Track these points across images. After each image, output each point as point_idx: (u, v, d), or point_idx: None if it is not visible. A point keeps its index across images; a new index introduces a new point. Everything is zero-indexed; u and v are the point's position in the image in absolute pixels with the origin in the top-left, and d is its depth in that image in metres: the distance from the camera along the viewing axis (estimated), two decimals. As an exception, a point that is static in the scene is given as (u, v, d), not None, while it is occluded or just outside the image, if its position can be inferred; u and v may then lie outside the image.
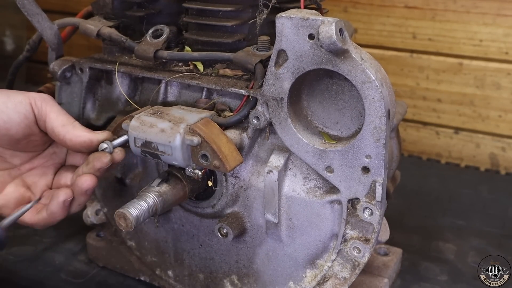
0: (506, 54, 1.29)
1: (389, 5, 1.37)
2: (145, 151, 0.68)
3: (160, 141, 0.66)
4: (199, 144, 0.65)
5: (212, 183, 0.73)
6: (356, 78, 0.60)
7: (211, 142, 0.65)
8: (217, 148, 0.64)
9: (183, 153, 0.65)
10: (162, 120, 0.67)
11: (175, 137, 0.65)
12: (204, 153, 0.65)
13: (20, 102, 0.68)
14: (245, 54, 0.69)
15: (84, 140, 0.69)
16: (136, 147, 0.68)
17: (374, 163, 0.63)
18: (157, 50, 0.74)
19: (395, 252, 0.91)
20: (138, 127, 0.67)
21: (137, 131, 0.67)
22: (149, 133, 0.67)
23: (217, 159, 0.65)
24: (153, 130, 0.66)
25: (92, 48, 1.63)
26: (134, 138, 0.68)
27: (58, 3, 1.63)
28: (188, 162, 0.67)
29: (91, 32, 0.79)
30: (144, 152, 0.68)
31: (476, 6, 1.29)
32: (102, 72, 0.81)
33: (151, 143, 0.67)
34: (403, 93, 1.41)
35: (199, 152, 0.65)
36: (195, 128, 0.65)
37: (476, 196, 1.17)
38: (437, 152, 1.42)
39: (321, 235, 0.70)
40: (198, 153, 0.65)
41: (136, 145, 0.68)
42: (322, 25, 0.59)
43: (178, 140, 0.65)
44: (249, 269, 0.77)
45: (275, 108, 0.66)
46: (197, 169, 0.67)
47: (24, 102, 0.69)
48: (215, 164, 0.65)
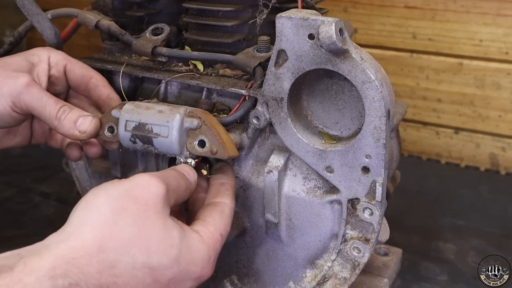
0: (506, 54, 1.29)
1: (389, 5, 1.37)
2: (136, 135, 0.64)
3: (156, 122, 0.63)
4: (198, 127, 0.63)
5: (207, 172, 0.70)
6: (356, 78, 0.60)
7: (211, 126, 0.63)
8: (216, 132, 0.63)
9: (180, 135, 0.63)
10: (160, 104, 0.65)
11: (174, 116, 0.62)
12: (202, 139, 0.63)
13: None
14: (244, 57, 0.69)
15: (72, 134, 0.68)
16: (126, 131, 0.65)
17: (374, 163, 0.63)
18: (156, 47, 0.74)
19: (395, 252, 0.91)
20: (133, 109, 0.65)
21: (131, 113, 0.65)
22: (144, 115, 0.64)
23: (216, 143, 0.62)
24: (150, 111, 0.64)
25: (92, 48, 1.63)
26: (126, 121, 0.65)
27: (58, 3, 1.63)
28: (181, 150, 0.64)
29: (90, 22, 0.78)
30: (134, 136, 0.64)
31: (476, 6, 1.29)
32: (102, 72, 0.81)
33: (146, 124, 0.64)
34: (403, 93, 1.41)
35: (196, 137, 0.63)
36: (195, 112, 0.63)
37: (476, 196, 1.17)
38: (437, 152, 1.42)
39: (321, 235, 0.70)
40: (195, 139, 0.63)
41: (127, 129, 0.65)
42: (322, 25, 0.59)
43: (178, 119, 0.62)
44: (249, 269, 0.77)
45: (275, 108, 0.66)
46: (190, 158, 0.65)
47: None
48: (213, 149, 0.62)
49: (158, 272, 0.54)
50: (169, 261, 0.54)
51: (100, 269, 0.50)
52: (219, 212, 0.63)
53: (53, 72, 0.73)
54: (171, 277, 0.55)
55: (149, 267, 0.53)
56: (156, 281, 0.54)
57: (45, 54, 0.73)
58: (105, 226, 0.52)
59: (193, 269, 0.56)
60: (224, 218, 0.63)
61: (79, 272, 0.49)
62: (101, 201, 0.54)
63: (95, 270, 0.50)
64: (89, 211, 0.53)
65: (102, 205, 0.54)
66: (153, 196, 0.55)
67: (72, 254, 0.50)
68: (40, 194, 1.15)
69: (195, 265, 0.57)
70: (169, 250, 0.54)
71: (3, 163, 1.27)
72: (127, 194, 0.55)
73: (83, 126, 0.67)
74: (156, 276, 0.54)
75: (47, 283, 0.47)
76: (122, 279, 0.52)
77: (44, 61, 0.72)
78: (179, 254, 0.55)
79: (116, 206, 0.54)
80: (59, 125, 0.67)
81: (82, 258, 0.50)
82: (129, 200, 0.54)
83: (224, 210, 0.63)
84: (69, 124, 0.66)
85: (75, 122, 0.66)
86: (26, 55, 0.72)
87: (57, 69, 0.73)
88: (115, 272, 0.51)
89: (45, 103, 0.66)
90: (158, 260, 0.54)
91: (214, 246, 0.59)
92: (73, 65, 0.74)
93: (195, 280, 0.57)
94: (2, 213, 1.09)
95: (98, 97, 0.73)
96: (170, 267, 0.54)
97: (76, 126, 0.66)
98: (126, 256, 0.52)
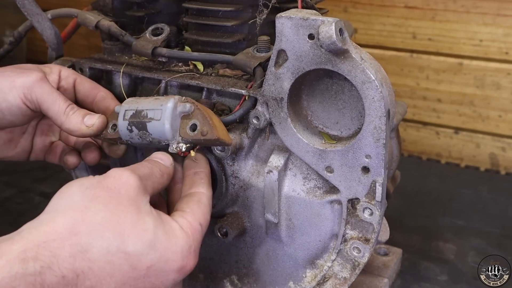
0: (506, 54, 1.29)
1: (389, 5, 1.38)
2: (132, 123, 0.66)
3: (151, 107, 0.65)
4: (191, 111, 0.64)
5: (195, 154, 0.69)
6: (356, 78, 0.60)
7: (203, 110, 0.64)
8: (208, 116, 0.64)
9: (172, 119, 0.64)
10: (158, 96, 0.67)
11: (168, 100, 0.64)
12: (194, 122, 0.64)
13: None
14: (244, 57, 0.69)
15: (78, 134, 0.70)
16: (124, 120, 0.67)
17: (374, 163, 0.63)
18: (156, 47, 0.74)
19: (395, 252, 0.91)
20: (132, 100, 0.68)
21: (130, 103, 0.67)
22: (141, 103, 0.66)
23: (206, 125, 0.63)
24: (147, 99, 0.66)
25: (92, 48, 1.63)
26: (125, 110, 0.67)
27: (58, 3, 1.63)
28: (174, 134, 0.65)
29: (90, 22, 0.78)
30: (131, 124, 0.66)
31: (476, 6, 1.29)
32: (102, 72, 0.81)
33: (142, 111, 0.66)
34: (403, 93, 1.41)
35: (189, 122, 0.64)
36: (189, 99, 0.65)
37: (476, 196, 1.17)
38: (437, 152, 1.42)
39: (321, 235, 0.70)
40: (188, 124, 0.64)
41: (125, 118, 0.67)
42: (322, 25, 0.59)
43: (171, 102, 0.64)
44: (249, 269, 0.77)
45: (275, 108, 0.66)
46: (182, 143, 0.65)
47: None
48: (203, 130, 0.63)
49: (134, 258, 0.53)
50: (144, 246, 0.54)
51: (73, 253, 0.50)
52: (196, 202, 0.63)
53: (63, 84, 0.75)
54: (149, 265, 0.54)
55: (124, 252, 0.53)
56: (133, 268, 0.53)
57: (57, 67, 0.76)
58: (76, 211, 0.53)
59: (172, 258, 0.56)
60: (202, 207, 0.63)
61: (51, 255, 0.49)
62: (73, 190, 0.55)
63: (67, 253, 0.50)
64: (62, 199, 0.54)
65: (75, 193, 0.55)
66: (126, 186, 0.56)
67: (44, 238, 0.50)
68: (40, 194, 1.15)
69: (174, 253, 0.56)
70: (143, 235, 0.54)
71: (3, 163, 1.26)
72: (99, 184, 0.56)
73: (90, 121, 0.69)
74: (133, 262, 0.53)
75: (17, 266, 0.47)
76: (97, 264, 0.51)
77: (55, 72, 0.74)
78: (154, 239, 0.55)
79: (88, 194, 0.55)
80: (66, 120, 0.69)
81: (53, 241, 0.50)
82: (101, 188, 0.55)
83: (201, 199, 0.63)
84: (77, 118, 0.69)
85: (82, 118, 0.69)
86: (39, 66, 0.74)
87: (67, 81, 0.75)
88: (89, 257, 0.51)
89: (55, 98, 0.69)
90: (133, 244, 0.53)
91: (194, 236, 0.59)
92: (83, 79, 0.76)
93: (177, 272, 0.57)
94: (2, 213, 1.09)
95: (106, 108, 0.75)
96: (146, 253, 0.54)
97: (84, 121, 0.69)
98: (99, 240, 0.52)
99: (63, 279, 0.49)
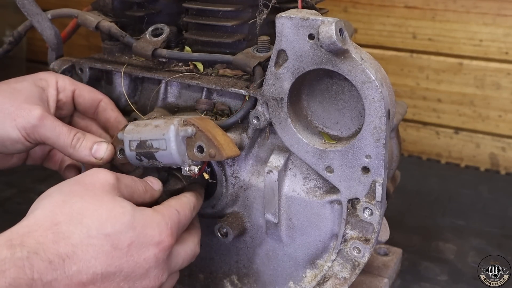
0: (506, 54, 1.29)
1: (389, 5, 1.37)
2: (140, 153, 0.66)
3: (154, 137, 0.65)
4: (193, 134, 0.64)
5: (209, 176, 0.70)
6: (356, 78, 0.60)
7: (206, 130, 0.64)
8: (212, 136, 0.63)
9: (177, 146, 0.64)
10: (157, 119, 0.67)
11: (168, 128, 0.64)
12: (200, 144, 0.64)
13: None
14: (244, 57, 0.69)
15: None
16: (131, 151, 0.67)
17: (374, 163, 0.63)
18: (156, 49, 0.74)
19: (395, 252, 0.91)
20: (133, 129, 0.67)
21: (132, 133, 0.67)
22: (143, 132, 0.66)
23: (212, 146, 0.63)
24: (147, 128, 0.66)
25: (92, 48, 1.63)
26: (129, 141, 0.67)
27: (58, 3, 1.63)
28: (183, 158, 0.65)
29: (90, 23, 0.78)
30: (139, 154, 0.67)
31: (476, 6, 1.29)
32: (102, 72, 0.81)
33: (146, 141, 0.65)
34: (403, 93, 1.41)
35: (194, 144, 0.64)
36: (188, 120, 0.64)
37: (476, 196, 1.17)
38: (437, 152, 1.42)
39: (321, 235, 0.70)
40: (194, 146, 0.64)
41: (131, 149, 0.67)
42: (322, 25, 0.59)
43: (172, 131, 0.63)
44: (249, 269, 0.77)
45: (275, 108, 0.66)
46: (193, 165, 0.66)
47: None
48: (211, 152, 0.63)
49: (114, 237, 0.55)
50: (123, 226, 0.56)
51: (55, 240, 0.53)
52: (174, 198, 0.66)
53: (61, 97, 0.74)
54: (129, 242, 0.56)
55: (104, 234, 0.55)
56: (115, 248, 0.55)
57: (53, 79, 0.74)
58: (55, 206, 0.56)
59: (150, 233, 0.58)
60: (178, 200, 0.65)
61: (36, 242, 0.52)
62: (52, 190, 0.59)
63: (50, 240, 0.52)
64: (42, 199, 0.58)
65: (53, 192, 0.58)
66: (101, 181, 0.59)
67: (27, 229, 0.53)
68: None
69: (152, 228, 0.58)
70: (121, 216, 0.57)
71: (3, 163, 1.27)
72: (75, 181, 0.60)
73: (99, 153, 0.69)
74: (113, 241, 0.55)
75: (5, 251, 0.50)
76: (80, 248, 0.54)
77: (52, 86, 0.74)
78: (132, 219, 0.57)
79: (65, 190, 0.58)
80: (74, 152, 0.69)
81: (36, 231, 0.53)
82: (78, 184, 0.59)
83: (179, 197, 0.66)
84: (85, 151, 0.69)
85: (90, 149, 0.69)
86: (34, 80, 0.73)
87: (65, 94, 0.75)
88: (71, 242, 0.53)
89: (58, 133, 0.69)
90: (112, 225, 0.56)
91: (170, 216, 0.61)
92: (82, 90, 0.76)
93: (156, 246, 0.58)
94: (2, 213, 1.08)
95: (106, 120, 0.75)
96: (125, 231, 0.56)
97: (92, 153, 0.69)
98: (79, 226, 0.55)
99: (50, 264, 0.51)
